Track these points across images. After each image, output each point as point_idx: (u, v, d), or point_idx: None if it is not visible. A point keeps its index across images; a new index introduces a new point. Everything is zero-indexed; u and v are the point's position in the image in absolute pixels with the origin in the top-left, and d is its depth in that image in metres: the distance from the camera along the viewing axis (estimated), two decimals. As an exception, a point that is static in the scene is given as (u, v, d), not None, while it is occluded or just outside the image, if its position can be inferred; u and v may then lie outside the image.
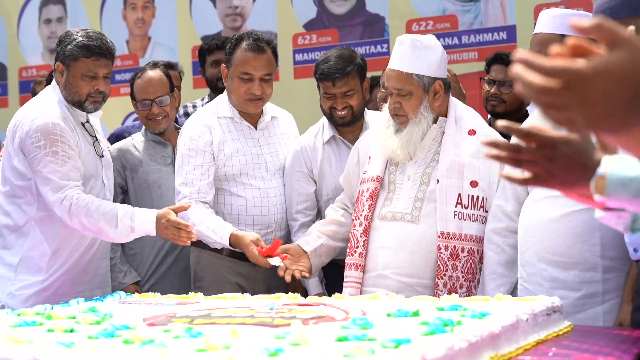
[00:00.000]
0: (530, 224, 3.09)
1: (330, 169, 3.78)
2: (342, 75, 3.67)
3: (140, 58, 6.91)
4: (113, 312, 2.54)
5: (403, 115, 3.32)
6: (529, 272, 3.09)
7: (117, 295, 3.12)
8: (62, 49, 3.51)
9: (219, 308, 2.61)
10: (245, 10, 6.51)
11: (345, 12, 6.13)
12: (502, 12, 5.63)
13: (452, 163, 3.28)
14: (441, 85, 3.32)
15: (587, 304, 2.99)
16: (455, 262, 3.20)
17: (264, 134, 3.76)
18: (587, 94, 1.12)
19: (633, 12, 2.61)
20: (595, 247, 2.98)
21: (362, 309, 2.46)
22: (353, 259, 3.34)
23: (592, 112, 1.13)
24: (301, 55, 6.22)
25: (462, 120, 3.37)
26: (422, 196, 3.29)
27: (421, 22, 5.83)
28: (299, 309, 2.56)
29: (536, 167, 1.51)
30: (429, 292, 3.18)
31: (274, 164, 3.75)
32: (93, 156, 3.55)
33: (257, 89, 3.62)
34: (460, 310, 2.38)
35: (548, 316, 2.44)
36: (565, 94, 1.13)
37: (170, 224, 3.32)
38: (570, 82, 1.12)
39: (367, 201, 3.35)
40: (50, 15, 7.33)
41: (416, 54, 3.28)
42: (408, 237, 3.26)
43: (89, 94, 3.48)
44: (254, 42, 3.63)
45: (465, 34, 5.69)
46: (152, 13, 6.90)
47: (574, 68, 1.12)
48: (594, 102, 1.12)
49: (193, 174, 3.61)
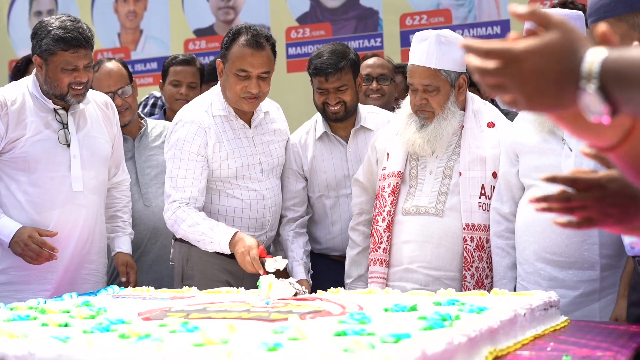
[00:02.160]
0: (527, 223, 3.09)
1: (322, 165, 3.77)
2: (335, 71, 3.65)
3: (132, 51, 6.87)
4: (107, 306, 2.52)
5: (429, 110, 3.32)
6: (527, 270, 3.09)
7: (110, 289, 3.10)
8: (37, 42, 3.40)
9: (214, 302, 2.59)
10: (238, 4, 6.48)
11: (338, 5, 6.11)
12: (496, 6, 5.62)
13: (473, 156, 3.31)
14: (465, 80, 3.35)
15: (584, 302, 2.99)
16: (481, 253, 3.23)
17: (258, 132, 3.67)
18: (519, 72, 1.19)
19: (629, 8, 2.60)
20: (594, 246, 2.98)
21: (358, 304, 2.45)
22: (377, 255, 3.35)
23: (526, 89, 1.20)
24: (294, 49, 6.19)
25: (480, 114, 3.40)
26: (446, 190, 3.31)
27: (415, 16, 5.82)
28: (295, 303, 2.55)
29: (589, 211, 1.51)
30: (457, 284, 3.21)
31: (268, 163, 3.67)
32: (53, 143, 3.43)
33: (254, 87, 3.49)
34: (457, 305, 2.37)
35: (545, 311, 2.44)
36: (501, 72, 1.21)
37: (34, 242, 3.31)
38: (504, 61, 1.20)
39: (390, 197, 3.36)
40: (40, 7, 7.27)
41: (442, 50, 3.28)
42: (434, 230, 3.28)
43: (70, 85, 3.39)
44: (253, 37, 3.49)
45: (459, 29, 5.67)
46: (144, 6, 6.86)
47: (506, 48, 1.20)
48: (527, 80, 1.19)
49: (184, 179, 3.51)
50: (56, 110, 3.46)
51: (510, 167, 3.20)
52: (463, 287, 3.17)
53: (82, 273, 3.55)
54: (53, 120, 3.45)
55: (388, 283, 3.30)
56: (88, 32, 3.42)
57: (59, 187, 3.44)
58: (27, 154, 3.39)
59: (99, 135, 3.60)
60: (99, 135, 3.60)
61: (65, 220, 3.45)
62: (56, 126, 3.46)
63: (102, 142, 3.61)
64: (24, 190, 3.42)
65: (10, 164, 3.41)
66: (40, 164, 3.41)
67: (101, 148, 3.60)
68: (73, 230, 3.47)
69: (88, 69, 3.43)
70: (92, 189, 3.54)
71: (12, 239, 3.34)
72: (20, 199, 3.42)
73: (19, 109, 3.39)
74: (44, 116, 3.44)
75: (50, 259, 3.36)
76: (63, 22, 3.40)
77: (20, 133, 3.38)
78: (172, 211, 3.51)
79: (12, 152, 3.39)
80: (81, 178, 3.48)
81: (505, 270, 3.19)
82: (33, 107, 3.42)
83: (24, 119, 3.39)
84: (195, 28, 6.61)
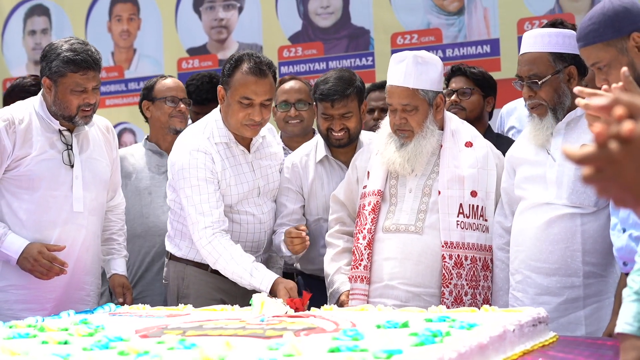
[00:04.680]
0: (517, 234, 3.19)
1: (322, 188, 3.79)
2: (341, 97, 3.67)
3: (126, 70, 6.92)
4: (105, 324, 2.56)
5: (408, 129, 3.38)
6: (517, 280, 3.17)
7: (107, 307, 3.14)
8: (47, 64, 3.45)
9: (210, 320, 2.64)
10: (231, 23, 6.54)
11: (330, 25, 6.18)
12: (485, 25, 5.69)
13: (452, 175, 3.36)
14: (442, 99, 3.42)
15: (569, 308, 3.06)
16: (459, 270, 3.28)
17: (256, 156, 3.68)
18: (620, 174, 1.14)
19: (617, 33, 2.66)
20: (576, 253, 3.05)
21: (351, 321, 2.49)
22: (358, 272, 3.39)
23: (632, 190, 1.15)
24: (287, 68, 6.26)
25: (458, 133, 3.46)
26: (425, 207, 3.37)
27: (406, 36, 5.89)
28: (289, 320, 2.60)
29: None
30: (436, 300, 3.26)
31: (266, 187, 3.69)
32: (57, 163, 3.46)
33: (257, 115, 3.49)
34: (448, 322, 2.42)
35: (534, 327, 2.49)
36: (601, 177, 1.16)
37: (44, 257, 3.35)
38: (601, 166, 1.15)
39: (370, 215, 3.41)
40: (34, 26, 7.33)
41: (420, 70, 3.35)
42: (413, 247, 3.33)
43: (79, 106, 3.44)
44: (256, 65, 3.47)
45: (450, 47, 5.75)
46: (138, 25, 6.92)
47: (599, 153, 1.14)
48: (629, 182, 1.15)
49: (209, 203, 3.47)
50: (61, 131, 3.51)
51: (509, 181, 3.29)
52: (441, 303, 3.20)
53: (81, 293, 3.58)
54: (58, 140, 3.50)
55: (369, 300, 3.34)
56: (97, 55, 3.48)
57: (60, 207, 3.48)
58: (31, 172, 3.43)
59: (100, 158, 3.64)
60: (100, 158, 3.64)
61: (65, 239, 3.48)
62: (61, 147, 3.50)
63: (103, 165, 3.65)
64: (25, 208, 3.45)
65: (14, 182, 3.44)
66: (43, 183, 3.44)
67: (102, 171, 3.65)
68: (72, 250, 3.49)
69: (96, 91, 3.48)
70: (92, 210, 3.58)
71: (20, 255, 3.37)
72: (21, 217, 3.45)
73: (26, 127, 3.43)
74: (49, 136, 3.48)
75: (60, 274, 3.39)
76: (72, 44, 3.45)
77: (26, 152, 3.42)
78: (208, 240, 3.45)
79: (17, 170, 3.43)
80: (82, 199, 3.52)
81: (503, 282, 3.27)
82: (39, 127, 3.46)
83: (30, 137, 3.44)
84: (189, 47, 6.67)
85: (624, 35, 2.66)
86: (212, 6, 6.62)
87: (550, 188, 3.11)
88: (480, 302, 3.25)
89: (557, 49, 3.14)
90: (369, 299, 3.34)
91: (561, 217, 3.07)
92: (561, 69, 3.13)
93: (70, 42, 3.47)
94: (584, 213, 3.05)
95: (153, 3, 6.82)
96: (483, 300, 3.27)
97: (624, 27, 2.65)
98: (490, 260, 3.33)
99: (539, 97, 3.16)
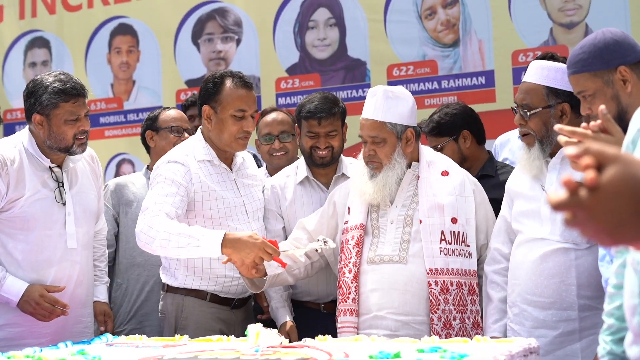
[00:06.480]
0: (514, 267, 3.23)
1: (302, 208, 3.85)
2: (328, 115, 3.79)
3: (125, 101, 6.98)
4: (102, 355, 2.58)
5: (377, 161, 3.46)
6: (514, 312, 3.21)
7: (104, 337, 3.16)
8: (36, 100, 3.46)
9: (205, 350, 2.66)
10: (229, 55, 6.61)
11: (327, 57, 6.25)
12: (480, 57, 5.75)
13: (431, 203, 3.42)
14: (412, 133, 3.48)
15: (565, 341, 3.09)
16: (446, 295, 3.31)
17: (239, 175, 3.75)
18: (593, 218, 1.21)
19: (605, 65, 2.70)
20: (571, 287, 3.08)
21: (344, 351, 2.52)
22: (347, 305, 3.43)
23: (606, 228, 1.22)
24: (284, 99, 6.32)
25: (434, 164, 3.53)
26: (408, 237, 3.41)
27: (402, 67, 5.95)
28: (283, 351, 2.62)
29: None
30: (425, 327, 3.30)
31: (252, 206, 3.75)
32: (50, 202, 3.49)
33: (251, 126, 3.64)
34: (440, 352, 2.45)
35: (525, 357, 2.51)
36: (577, 221, 1.23)
37: (46, 300, 3.38)
38: (577, 212, 1.22)
39: (354, 248, 3.45)
40: (35, 58, 7.39)
41: (389, 104, 3.44)
42: (398, 277, 3.37)
43: (75, 135, 3.47)
44: (240, 79, 3.65)
45: (445, 79, 5.81)
46: (137, 57, 6.98)
47: (575, 201, 1.21)
48: (602, 226, 1.21)
49: (166, 197, 3.47)
50: (51, 168, 3.53)
51: (508, 211, 3.33)
52: (431, 329, 3.25)
53: (79, 327, 3.61)
54: (49, 178, 3.52)
55: (358, 332, 3.36)
56: (81, 82, 3.54)
57: (55, 245, 3.50)
58: (26, 213, 3.44)
59: (88, 191, 3.68)
60: (88, 191, 3.68)
61: (61, 277, 3.50)
62: (52, 185, 3.52)
63: (92, 197, 3.69)
64: (21, 249, 3.46)
65: (8, 223, 3.45)
66: (38, 223, 3.46)
67: (91, 203, 3.68)
68: (67, 287, 3.52)
69: (87, 118, 3.52)
70: (84, 244, 3.61)
71: (21, 298, 3.38)
72: (17, 257, 3.46)
73: (18, 168, 3.43)
74: (40, 175, 3.49)
75: (61, 315, 3.43)
76: (56, 76, 3.50)
77: (19, 193, 3.43)
78: (150, 217, 3.39)
79: (11, 212, 3.43)
80: (75, 235, 3.54)
81: (497, 302, 3.30)
82: (29, 166, 3.47)
83: (22, 178, 3.44)
84: (187, 79, 6.74)
85: (612, 67, 2.69)
86: (211, 38, 6.69)
87: (545, 224, 3.15)
88: (469, 326, 3.30)
89: (554, 84, 3.18)
90: (358, 331, 3.37)
91: (555, 251, 3.11)
92: (553, 105, 3.18)
93: (53, 75, 3.51)
94: (578, 248, 3.09)
95: (152, 35, 6.90)
96: (472, 324, 3.31)
97: (612, 60, 2.69)
98: (477, 285, 3.38)
99: (529, 127, 3.21)
